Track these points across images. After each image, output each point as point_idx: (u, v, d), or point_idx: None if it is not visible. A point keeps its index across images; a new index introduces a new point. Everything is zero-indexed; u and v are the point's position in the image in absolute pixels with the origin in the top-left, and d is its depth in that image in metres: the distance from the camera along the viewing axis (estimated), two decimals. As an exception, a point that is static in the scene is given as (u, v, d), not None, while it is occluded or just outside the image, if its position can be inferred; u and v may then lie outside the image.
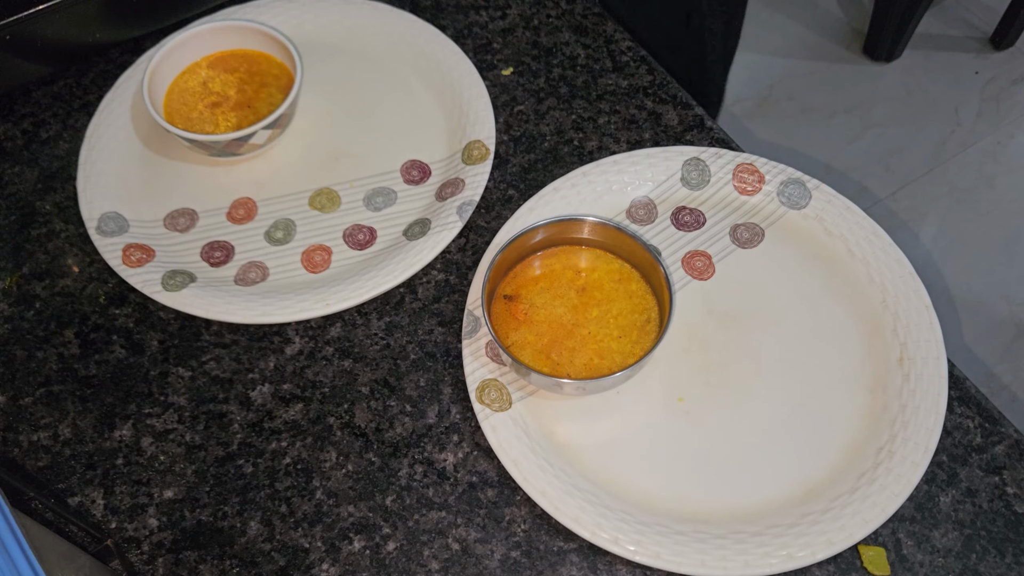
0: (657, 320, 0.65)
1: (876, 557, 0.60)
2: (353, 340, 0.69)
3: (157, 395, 0.67)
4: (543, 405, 0.65)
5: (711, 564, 0.58)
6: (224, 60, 0.79)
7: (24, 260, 0.73)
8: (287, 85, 0.77)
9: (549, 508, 0.60)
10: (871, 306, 0.68)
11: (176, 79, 0.78)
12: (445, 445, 0.65)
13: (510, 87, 0.81)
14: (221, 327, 0.70)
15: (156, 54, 0.75)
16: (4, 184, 0.77)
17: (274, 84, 0.78)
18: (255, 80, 0.78)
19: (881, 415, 0.64)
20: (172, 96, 0.77)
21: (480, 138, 0.76)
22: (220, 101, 0.77)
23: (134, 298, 0.71)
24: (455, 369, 0.68)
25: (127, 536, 0.62)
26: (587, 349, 0.64)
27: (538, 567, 0.61)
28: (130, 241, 0.72)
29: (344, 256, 0.73)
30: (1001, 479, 0.63)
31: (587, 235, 0.67)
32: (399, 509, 0.63)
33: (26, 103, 0.81)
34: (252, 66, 0.79)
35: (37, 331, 0.70)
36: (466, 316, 0.67)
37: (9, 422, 0.66)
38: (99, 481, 0.64)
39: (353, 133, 0.79)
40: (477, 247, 0.73)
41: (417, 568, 0.61)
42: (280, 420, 0.66)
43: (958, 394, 0.66)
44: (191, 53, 0.78)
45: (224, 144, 0.72)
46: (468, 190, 0.73)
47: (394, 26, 0.83)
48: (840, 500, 0.61)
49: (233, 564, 0.61)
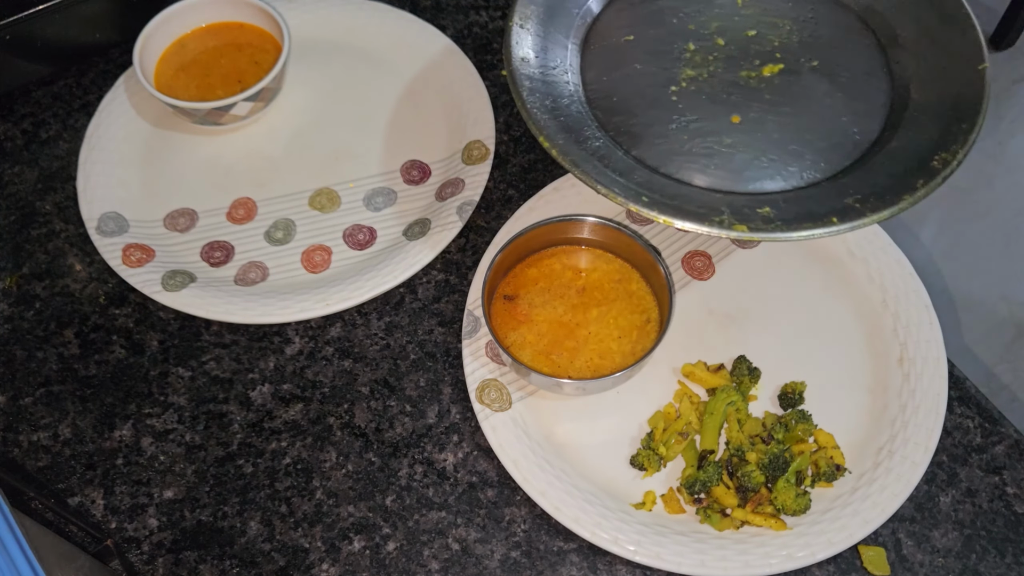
0: (657, 320, 0.65)
1: (876, 557, 0.60)
2: (353, 340, 0.69)
3: (157, 395, 0.67)
4: (543, 405, 0.65)
5: (711, 564, 0.58)
6: (216, 32, 0.80)
7: (24, 260, 0.73)
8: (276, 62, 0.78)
9: (549, 508, 0.60)
10: (871, 306, 0.68)
11: (168, 49, 0.78)
12: (445, 445, 0.65)
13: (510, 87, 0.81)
14: (221, 327, 0.70)
15: (150, 23, 0.76)
16: (4, 184, 0.77)
17: (265, 61, 0.78)
18: (245, 54, 0.78)
19: (881, 415, 0.64)
20: (163, 65, 0.78)
21: (480, 138, 0.76)
22: (209, 72, 0.78)
23: (134, 298, 0.71)
24: (455, 369, 0.68)
25: (127, 536, 0.62)
26: (587, 349, 0.64)
27: (538, 567, 0.61)
28: (130, 241, 0.72)
29: (344, 256, 0.73)
30: (1001, 479, 0.63)
31: (587, 235, 0.67)
32: (399, 509, 0.63)
33: (26, 103, 0.81)
34: (243, 39, 0.79)
35: (37, 331, 0.70)
36: (466, 316, 0.67)
37: (9, 422, 0.66)
38: (99, 481, 0.64)
39: (353, 133, 0.79)
40: (477, 247, 0.73)
41: (417, 568, 0.61)
42: (280, 420, 0.66)
43: (958, 394, 0.66)
44: (184, 24, 0.79)
45: (205, 112, 0.73)
46: (468, 190, 0.73)
47: (394, 26, 0.83)
48: (840, 500, 0.61)
49: (233, 564, 0.61)
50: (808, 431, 0.63)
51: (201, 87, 0.77)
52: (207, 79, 0.77)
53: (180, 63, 0.78)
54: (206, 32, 0.80)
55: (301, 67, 0.82)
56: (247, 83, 0.76)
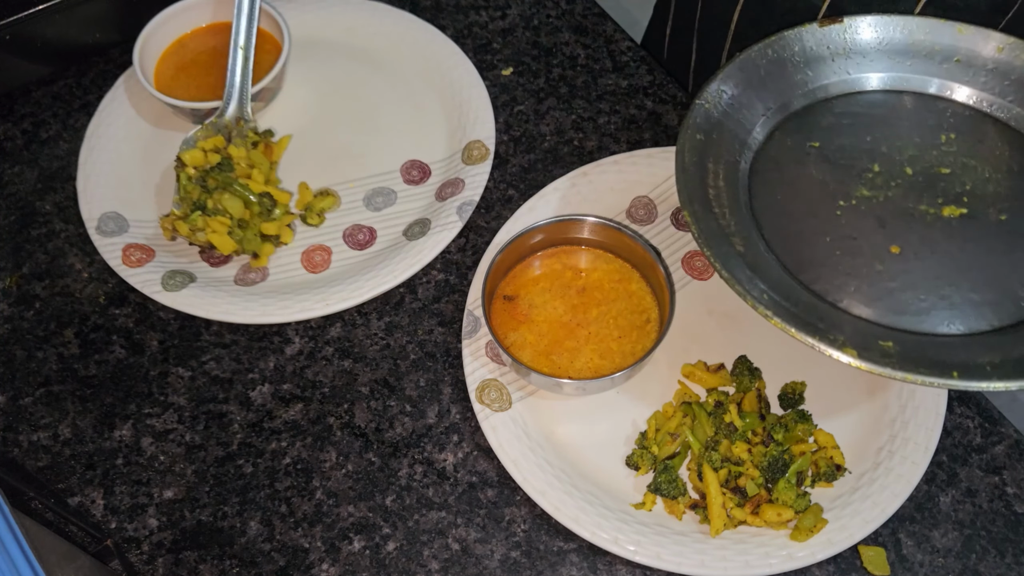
0: (657, 320, 0.65)
1: (876, 557, 0.60)
2: (353, 340, 0.69)
3: (157, 395, 0.67)
4: (543, 405, 0.65)
5: (711, 564, 0.58)
6: (216, 32, 0.79)
7: (24, 260, 0.73)
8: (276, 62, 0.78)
9: (549, 508, 0.60)
10: (871, 306, 0.68)
11: (168, 49, 0.78)
12: (445, 445, 0.65)
13: (510, 87, 0.81)
14: (221, 327, 0.70)
15: (150, 23, 0.76)
16: (4, 184, 0.77)
17: (265, 60, 0.78)
18: None
19: (881, 415, 0.64)
20: (163, 65, 0.78)
21: (480, 138, 0.76)
22: (209, 72, 0.78)
23: (134, 298, 0.71)
24: (455, 369, 0.68)
25: (127, 536, 0.62)
26: (587, 349, 0.64)
27: (538, 567, 0.61)
28: (130, 241, 0.72)
29: (344, 256, 0.73)
30: (1001, 479, 0.63)
31: (587, 235, 0.67)
32: (399, 509, 0.63)
33: (26, 103, 0.81)
34: None
35: (37, 331, 0.70)
36: (466, 316, 0.67)
37: (9, 422, 0.66)
38: (99, 481, 0.64)
39: (353, 133, 0.79)
40: (477, 247, 0.73)
41: (417, 568, 0.61)
42: (280, 420, 0.66)
43: (958, 394, 0.66)
44: (184, 24, 0.79)
45: (205, 112, 0.73)
46: (468, 190, 0.73)
47: (394, 26, 0.83)
48: (840, 500, 0.61)
49: (233, 564, 0.61)
50: (808, 431, 0.63)
51: (201, 87, 0.77)
52: (207, 79, 0.77)
53: (180, 63, 0.78)
54: (206, 32, 0.80)
55: (301, 67, 0.82)
56: (247, 83, 0.76)
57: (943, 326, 0.53)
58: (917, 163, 0.59)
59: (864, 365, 0.49)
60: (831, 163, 0.60)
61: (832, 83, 0.63)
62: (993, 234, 0.56)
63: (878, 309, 0.53)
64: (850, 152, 0.60)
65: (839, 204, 0.58)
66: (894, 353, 0.50)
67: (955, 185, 0.58)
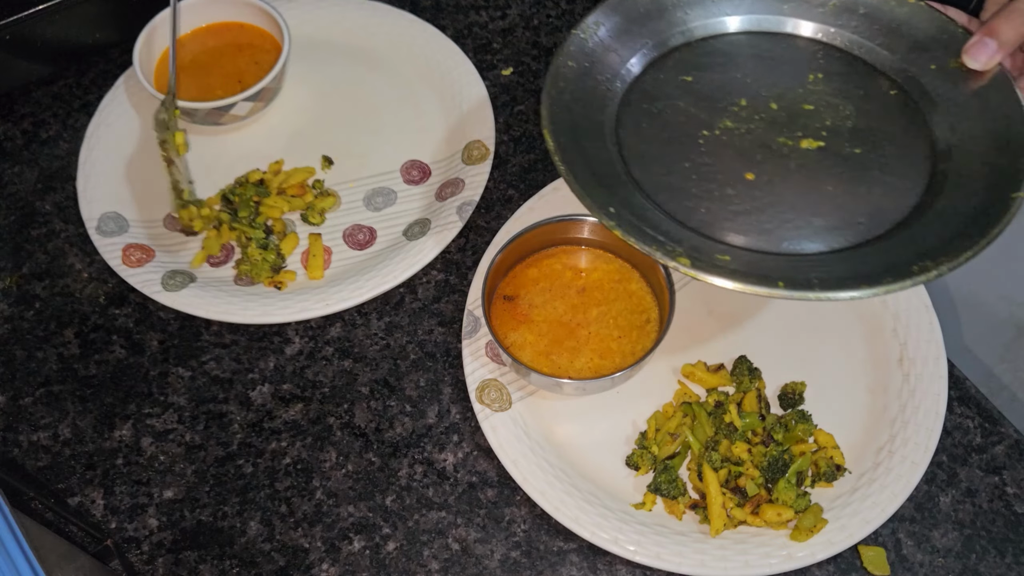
0: (657, 320, 0.65)
1: (876, 557, 0.60)
2: (353, 340, 0.69)
3: (157, 395, 0.67)
4: (543, 405, 0.65)
5: (711, 564, 0.58)
6: (216, 32, 0.79)
7: (24, 260, 0.73)
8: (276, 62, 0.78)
9: (549, 508, 0.60)
10: (871, 306, 0.68)
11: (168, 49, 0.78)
12: (445, 445, 0.65)
13: (510, 87, 0.81)
14: (221, 327, 0.70)
15: (150, 24, 0.76)
16: (4, 184, 0.77)
17: (265, 61, 0.78)
18: (245, 54, 0.78)
19: (881, 415, 0.64)
20: (163, 65, 0.78)
21: (480, 138, 0.76)
22: (209, 72, 0.78)
23: (134, 298, 0.71)
24: (455, 369, 0.68)
25: (127, 536, 0.62)
26: (587, 349, 0.64)
27: (538, 567, 0.61)
28: (130, 241, 0.72)
29: (344, 256, 0.73)
30: (1001, 479, 0.63)
31: (587, 235, 0.67)
32: (399, 509, 0.63)
33: (26, 103, 0.81)
34: (243, 39, 0.79)
35: (37, 331, 0.70)
36: (466, 316, 0.67)
37: (9, 422, 0.66)
38: (99, 481, 0.64)
39: (353, 133, 0.79)
40: (477, 247, 0.73)
41: (417, 568, 0.61)
42: (280, 420, 0.66)
43: (958, 394, 0.66)
44: (184, 24, 0.79)
45: (205, 112, 0.73)
46: (468, 190, 0.73)
47: (394, 26, 0.83)
48: (840, 500, 0.61)
49: (233, 564, 0.61)
50: (808, 431, 0.63)
51: (201, 87, 0.77)
52: (207, 79, 0.77)
53: (180, 63, 0.78)
54: (206, 32, 0.80)
55: (301, 67, 0.82)
56: (247, 83, 0.76)
57: (783, 246, 0.55)
58: (783, 99, 0.62)
59: (693, 272, 0.51)
60: (699, 96, 0.62)
61: (710, 23, 0.65)
62: (844, 166, 0.59)
63: (723, 229, 0.56)
64: (720, 87, 0.62)
65: (702, 134, 0.60)
66: (724, 265, 0.52)
67: (816, 120, 0.60)
